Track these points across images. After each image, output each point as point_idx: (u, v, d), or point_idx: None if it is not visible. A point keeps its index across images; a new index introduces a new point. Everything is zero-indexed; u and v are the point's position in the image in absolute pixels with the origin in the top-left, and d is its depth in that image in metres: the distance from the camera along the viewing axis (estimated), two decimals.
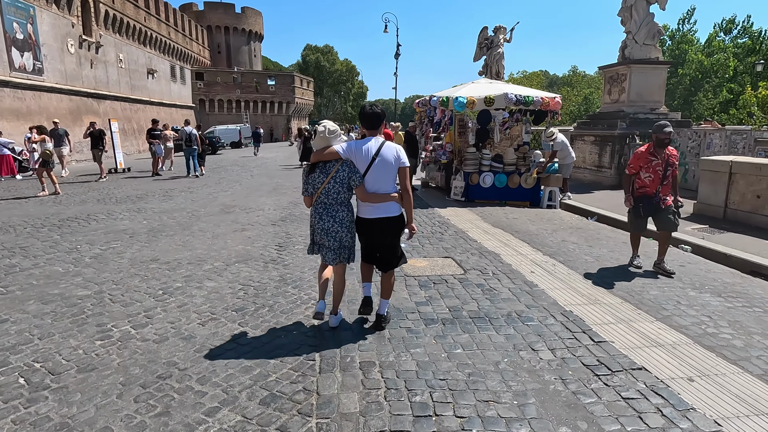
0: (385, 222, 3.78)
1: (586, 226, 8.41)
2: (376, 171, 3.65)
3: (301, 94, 54.28)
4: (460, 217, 8.90)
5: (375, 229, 3.81)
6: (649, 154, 5.50)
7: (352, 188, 3.67)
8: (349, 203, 3.77)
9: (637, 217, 5.76)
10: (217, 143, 29.86)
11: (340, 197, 3.66)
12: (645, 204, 5.63)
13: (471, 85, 11.20)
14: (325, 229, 3.70)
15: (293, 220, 8.40)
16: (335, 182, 3.61)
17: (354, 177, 3.62)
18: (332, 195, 3.63)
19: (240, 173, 16.80)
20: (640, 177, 5.59)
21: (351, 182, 3.63)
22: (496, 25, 22.67)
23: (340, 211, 3.70)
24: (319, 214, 3.71)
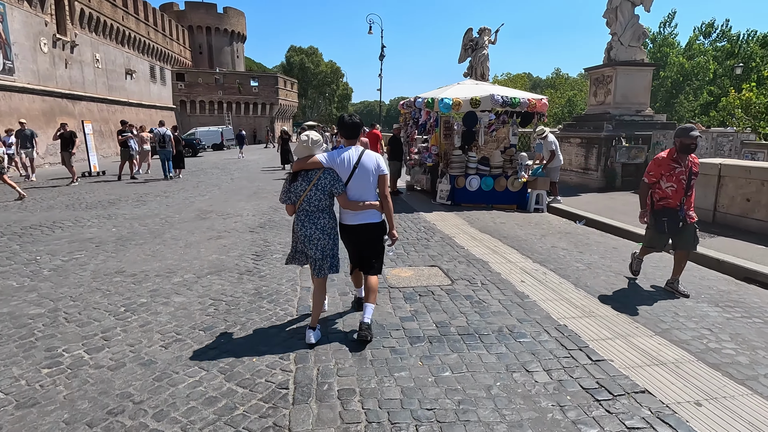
0: (368, 228, 3.87)
1: (574, 230, 8.20)
2: (357, 179, 3.73)
3: (285, 96, 53.66)
4: (447, 221, 8.63)
5: (358, 235, 3.89)
6: (671, 161, 4.79)
7: (333, 196, 3.72)
8: (331, 210, 3.80)
9: (659, 232, 4.98)
10: (197, 145, 29.17)
11: (322, 204, 3.69)
12: (670, 219, 4.85)
13: (457, 87, 10.96)
14: (308, 236, 3.70)
15: (272, 227, 8.02)
16: (317, 190, 3.63)
17: (336, 185, 3.67)
18: (314, 203, 3.66)
19: (220, 176, 16.31)
20: (661, 187, 4.87)
21: (333, 190, 3.68)
22: (480, 26, 22.63)
23: (322, 219, 3.71)
24: (301, 222, 3.73)
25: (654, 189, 4.96)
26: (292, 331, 3.96)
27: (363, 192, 3.76)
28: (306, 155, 3.68)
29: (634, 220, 8.59)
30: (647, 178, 5.00)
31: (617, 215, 9.01)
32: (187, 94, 46.45)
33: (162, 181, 14.79)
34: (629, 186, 12.14)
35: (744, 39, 32.98)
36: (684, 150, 4.77)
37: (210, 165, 21.55)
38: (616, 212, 9.34)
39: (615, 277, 5.50)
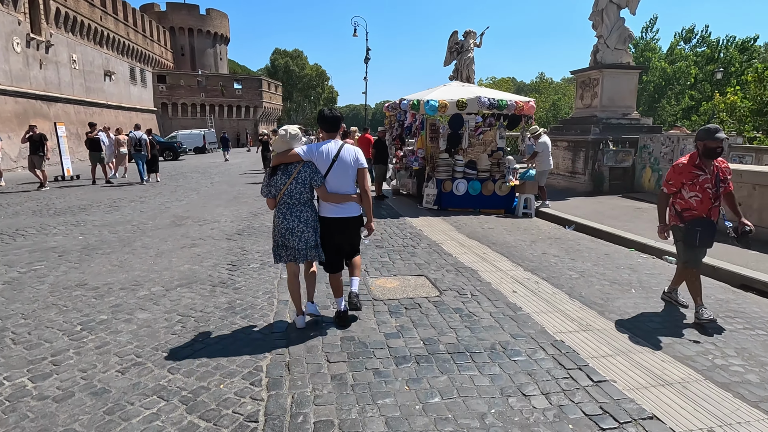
0: (347, 221, 3.92)
1: (564, 236, 7.98)
2: (336, 172, 3.79)
3: (269, 99, 53.07)
4: (434, 227, 8.34)
5: (337, 228, 3.92)
6: (693, 167, 4.18)
7: (313, 188, 3.79)
8: (311, 203, 3.85)
9: (692, 245, 4.28)
10: (178, 148, 28.49)
11: (303, 197, 3.75)
12: (704, 228, 4.19)
13: (443, 89, 10.71)
14: (290, 228, 3.75)
15: (251, 234, 7.63)
16: (297, 183, 3.70)
17: (315, 178, 3.74)
18: (295, 196, 3.72)
19: (199, 180, 15.80)
20: (683, 197, 4.27)
21: (312, 183, 3.75)
22: (466, 29, 22.52)
23: (304, 212, 3.77)
24: (282, 215, 3.77)
25: (675, 199, 4.39)
26: (267, 351, 3.60)
27: (342, 185, 3.83)
28: (285, 149, 3.74)
29: (624, 224, 8.43)
30: (666, 187, 4.41)
31: (607, 220, 8.83)
32: (168, 97, 45.59)
33: (138, 185, 14.24)
34: (617, 190, 12.03)
35: (723, 44, 33.62)
36: (708, 154, 4.14)
37: (190, 169, 20.98)
38: (606, 217, 9.16)
39: (610, 286, 5.25)
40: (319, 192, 3.81)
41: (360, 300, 4.23)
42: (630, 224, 8.41)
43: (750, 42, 32.52)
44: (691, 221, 4.28)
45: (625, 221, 8.71)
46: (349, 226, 3.94)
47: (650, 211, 9.59)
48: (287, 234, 3.75)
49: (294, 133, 3.75)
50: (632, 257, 6.61)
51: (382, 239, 7.31)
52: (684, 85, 32.64)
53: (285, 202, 3.74)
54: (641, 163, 11.83)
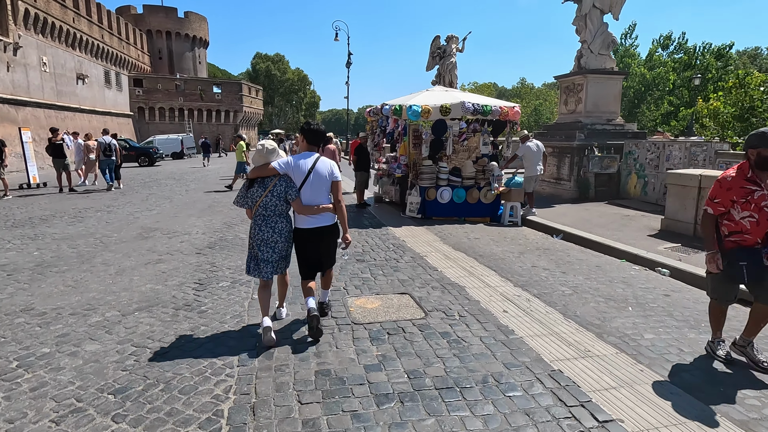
0: (321, 231, 4.02)
1: (552, 246, 7.70)
2: (311, 185, 3.90)
3: (250, 103, 52.25)
4: (417, 238, 7.97)
5: (312, 239, 4.02)
6: (745, 182, 3.43)
7: (289, 201, 3.88)
8: (287, 215, 3.97)
9: (730, 280, 3.56)
10: (154, 154, 27.63)
11: (278, 209, 3.87)
12: (751, 261, 3.42)
13: (426, 93, 10.39)
14: (264, 239, 3.86)
15: (224, 247, 7.14)
16: (273, 196, 3.82)
17: (291, 191, 3.85)
18: (270, 207, 3.84)
19: (174, 188, 15.17)
20: (733, 218, 3.51)
21: (288, 196, 3.84)
22: (448, 34, 22.35)
23: (279, 223, 3.89)
24: (258, 225, 3.88)
25: (721, 221, 3.59)
26: (230, 389, 3.16)
27: (317, 197, 3.94)
28: (262, 163, 3.86)
29: (612, 233, 8.19)
30: (711, 207, 3.58)
31: (595, 228, 8.59)
32: (145, 101, 44.46)
33: (107, 193, 13.56)
34: (602, 196, 11.86)
35: (700, 51, 34.30)
36: (764, 165, 3.38)
37: (165, 175, 20.26)
38: (593, 225, 8.93)
39: (605, 303, 4.94)
40: (294, 205, 3.89)
41: (330, 307, 4.42)
42: (619, 233, 8.18)
43: (725, 49, 33.25)
44: (734, 251, 3.49)
45: (613, 230, 8.48)
46: (323, 236, 4.03)
47: (638, 219, 9.41)
48: (262, 245, 3.86)
49: (271, 148, 3.87)
50: (624, 269, 6.34)
51: (363, 252, 6.91)
52: (663, 91, 33.15)
53: (260, 214, 3.85)
54: (626, 170, 11.69)
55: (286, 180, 3.85)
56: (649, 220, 9.28)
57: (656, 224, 8.72)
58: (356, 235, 8.14)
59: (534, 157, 9.72)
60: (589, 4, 12.12)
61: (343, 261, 4.77)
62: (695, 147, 9.74)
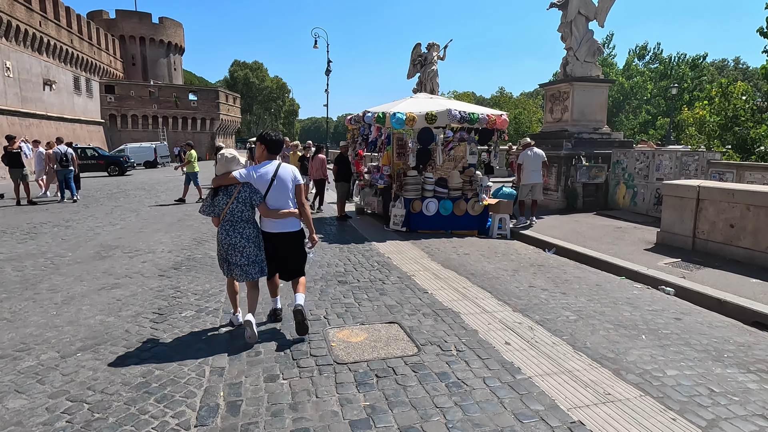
0: (287, 235, 4.18)
1: (546, 261, 7.25)
2: (275, 190, 4.07)
3: (227, 111, 51.20)
4: (404, 254, 7.43)
5: (279, 242, 4.17)
6: None
7: (254, 206, 4.04)
8: (253, 220, 4.10)
9: None
10: (125, 163, 26.49)
11: (244, 215, 4.00)
12: None
13: (409, 101, 9.91)
14: (232, 244, 3.98)
15: (191, 268, 6.47)
16: (238, 202, 3.96)
17: (255, 197, 4.00)
18: (236, 214, 3.97)
19: (143, 199, 14.30)
20: None
21: (253, 201, 4.00)
22: (429, 42, 22.10)
23: (246, 228, 4.01)
24: (225, 231, 4.00)
25: None
26: None
27: (281, 201, 4.10)
28: (223, 172, 4.01)
29: (607, 247, 7.80)
30: None
31: (588, 242, 8.20)
32: (117, 108, 43.06)
33: (68, 206, 12.64)
34: (590, 207, 11.56)
35: (675, 61, 34.99)
36: None
37: (135, 185, 19.29)
38: (586, 238, 8.54)
39: (615, 330, 4.47)
40: (260, 209, 4.06)
41: (306, 317, 4.11)
42: (614, 247, 7.80)
43: (700, 59, 34.01)
44: None
45: (607, 243, 8.10)
46: (289, 239, 4.19)
47: (631, 231, 9.07)
48: (230, 250, 4.00)
49: (230, 156, 4.01)
50: (626, 288, 5.91)
51: (345, 272, 6.33)
52: (641, 100, 33.60)
53: (228, 220, 3.99)
54: (615, 179, 11.42)
55: (249, 186, 3.99)
56: (642, 232, 8.96)
57: (651, 237, 8.39)
58: (337, 251, 7.56)
59: (530, 165, 9.41)
60: (575, 10, 11.90)
61: (308, 261, 4.61)
62: (686, 157, 9.50)
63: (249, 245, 4.00)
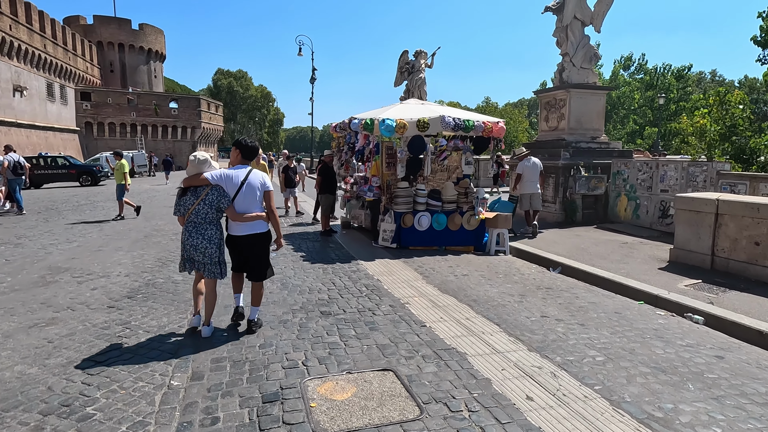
0: (254, 237, 4.30)
1: (554, 283, 6.52)
2: (244, 195, 4.21)
3: (209, 119, 50.03)
4: (395, 275, 6.63)
5: (245, 244, 4.31)
6: None
7: (221, 210, 4.16)
8: (218, 222, 4.24)
9: None
10: (98, 172, 25.23)
11: (209, 217, 4.12)
12: None
13: (399, 107, 9.19)
14: (194, 245, 4.11)
15: (148, 296, 5.56)
16: (204, 204, 4.08)
17: (222, 200, 4.12)
18: (201, 215, 4.09)
19: (110, 212, 13.24)
20: None
21: (220, 205, 4.12)
22: (416, 49, 21.56)
23: (209, 230, 4.15)
24: (189, 232, 4.13)
25: None
26: None
27: (249, 206, 4.22)
28: (195, 173, 4.10)
29: (617, 266, 7.07)
30: None
31: (595, 260, 7.50)
32: (93, 116, 41.64)
33: (25, 219, 11.55)
34: (589, 220, 10.93)
35: (660, 72, 35.16)
36: None
37: (106, 196, 18.16)
38: (591, 255, 7.86)
39: (653, 376, 3.71)
40: (228, 212, 4.20)
41: (259, 327, 4.46)
42: (625, 266, 7.12)
43: (685, 70, 34.22)
44: None
45: (616, 261, 7.42)
46: (255, 242, 4.31)
47: (639, 247, 8.42)
48: (192, 250, 4.12)
49: (203, 159, 4.12)
50: (648, 316, 5.20)
51: (329, 300, 5.50)
52: (628, 110, 33.60)
53: (192, 221, 4.10)
54: (615, 191, 10.82)
55: (218, 190, 4.09)
56: (651, 248, 8.31)
57: (662, 254, 7.74)
58: (321, 273, 6.73)
59: (530, 175, 8.81)
60: (570, 15, 11.36)
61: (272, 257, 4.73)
62: (694, 167, 8.93)
63: (211, 246, 4.13)
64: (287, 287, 5.97)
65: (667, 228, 9.39)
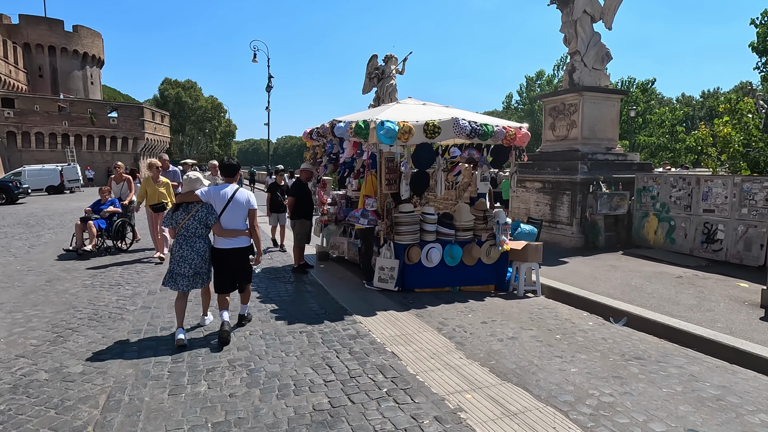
0: (237, 251, 4.66)
1: (637, 347, 4.67)
2: (230, 211, 4.58)
3: (153, 129, 46.04)
4: (415, 343, 4.56)
5: (229, 257, 4.64)
6: None
7: (209, 226, 4.55)
8: (206, 237, 4.62)
9: None
10: (15, 189, 21.52)
11: (198, 232, 4.50)
12: None
13: (396, 107, 7.17)
14: (183, 256, 4.46)
15: (7, 418, 3.16)
16: (194, 220, 4.46)
17: (211, 217, 4.52)
18: (191, 230, 4.47)
19: (15, 240, 10.31)
20: None
21: (208, 221, 4.51)
22: (386, 54, 19.89)
23: (197, 243, 4.52)
24: (179, 244, 4.49)
25: None
26: None
27: (235, 222, 4.62)
28: (188, 190, 4.56)
29: (698, 314, 4.99)
30: None
31: (665, 305, 5.73)
32: (17, 124, 36.97)
33: None
34: (612, 244, 9.29)
35: (626, 85, 35.39)
36: None
37: (18, 219, 14.91)
38: (651, 296, 6.10)
39: None
40: (215, 228, 4.56)
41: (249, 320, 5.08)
42: (709, 314, 5.37)
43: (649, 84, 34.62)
44: None
45: (693, 307, 5.67)
46: (239, 255, 4.68)
47: (700, 283, 6.75)
48: (181, 261, 4.46)
49: (195, 178, 4.60)
50: None
51: (333, 409, 3.32)
52: None
53: (182, 234, 4.47)
54: (641, 210, 9.26)
55: (208, 207, 4.52)
56: (718, 284, 6.68)
57: (741, 294, 6.12)
58: (306, 344, 4.54)
59: None
60: (581, 8, 9.86)
61: None
62: (750, 183, 7.45)
63: (197, 258, 4.51)
64: (259, 382, 3.74)
65: (714, 255, 7.87)
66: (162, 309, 5.55)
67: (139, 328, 4.90)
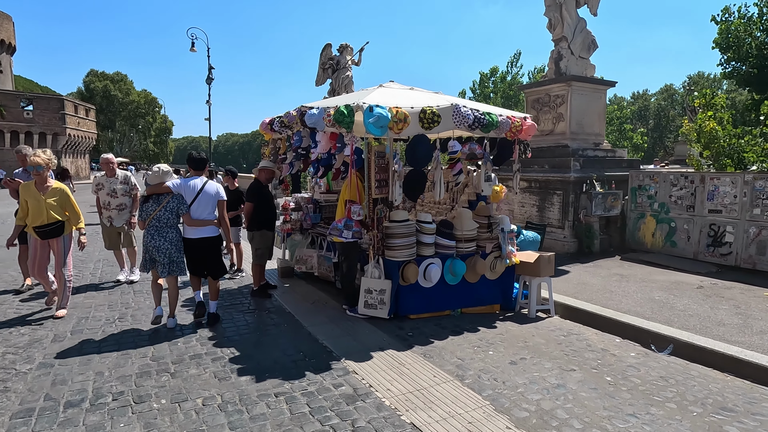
0: (206, 240, 4.89)
1: (704, 387, 3.71)
2: (199, 203, 4.80)
3: (77, 124, 41.60)
4: (437, 405, 3.33)
5: (198, 246, 4.87)
6: None
7: (179, 215, 4.75)
8: (176, 227, 4.81)
9: None
10: None
11: (170, 222, 4.69)
12: None
13: (381, 90, 5.84)
14: (157, 246, 4.64)
15: None
16: (165, 210, 4.64)
17: (182, 207, 4.73)
18: (162, 220, 4.64)
19: None
20: None
21: (179, 211, 4.72)
22: (341, 43, 18.60)
23: (170, 233, 4.70)
24: (151, 235, 4.66)
25: None
26: None
27: (204, 213, 4.84)
28: (158, 182, 4.68)
29: (750, 338, 4.44)
30: None
31: (708, 326, 4.86)
32: None
33: None
34: (606, 248, 8.54)
35: None
36: None
37: None
38: (681, 312, 5.24)
39: None
40: (185, 218, 4.76)
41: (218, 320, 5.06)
42: (761, 333, 4.55)
43: None
44: None
45: (740, 327, 4.84)
46: (207, 244, 4.90)
47: (725, 293, 5.99)
48: (154, 251, 4.65)
49: (166, 170, 4.75)
50: None
51: None
52: None
53: (154, 225, 4.64)
54: (637, 211, 8.56)
55: (179, 198, 4.72)
56: (747, 294, 5.96)
57: None
58: (285, 414, 3.17)
59: None
60: None
61: None
62: (763, 181, 6.85)
63: (171, 248, 4.68)
64: None
65: (722, 260, 7.24)
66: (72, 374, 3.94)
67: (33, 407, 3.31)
